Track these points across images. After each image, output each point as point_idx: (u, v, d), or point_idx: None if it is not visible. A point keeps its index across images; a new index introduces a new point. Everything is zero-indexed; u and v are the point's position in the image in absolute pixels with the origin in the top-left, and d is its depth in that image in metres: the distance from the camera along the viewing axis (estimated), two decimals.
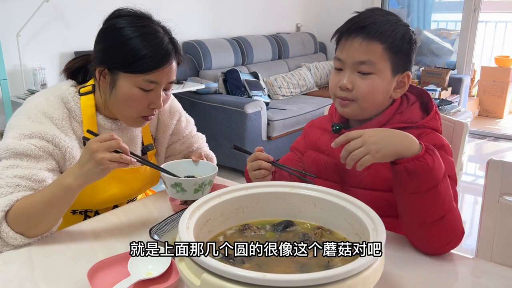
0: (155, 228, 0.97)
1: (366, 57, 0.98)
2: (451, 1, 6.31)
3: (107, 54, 1.09)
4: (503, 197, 1.10)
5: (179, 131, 1.37)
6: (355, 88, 1.01)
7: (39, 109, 1.08)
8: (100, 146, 0.93)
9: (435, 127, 1.04)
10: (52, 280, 0.85)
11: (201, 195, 1.05)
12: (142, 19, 1.09)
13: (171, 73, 1.11)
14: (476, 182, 3.60)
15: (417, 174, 0.83)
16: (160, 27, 1.10)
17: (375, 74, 1.00)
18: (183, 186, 1.03)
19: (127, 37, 1.05)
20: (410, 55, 1.03)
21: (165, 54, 1.07)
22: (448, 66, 4.85)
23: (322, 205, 0.81)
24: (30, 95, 3.03)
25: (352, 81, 1.01)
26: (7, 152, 0.99)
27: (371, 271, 0.59)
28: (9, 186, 0.97)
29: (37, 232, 0.98)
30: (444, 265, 0.90)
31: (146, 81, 1.06)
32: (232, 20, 4.40)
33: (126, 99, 1.08)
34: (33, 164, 1.01)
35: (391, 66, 1.00)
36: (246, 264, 0.68)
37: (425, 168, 0.83)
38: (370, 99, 1.01)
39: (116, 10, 1.11)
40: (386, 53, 0.99)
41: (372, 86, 1.00)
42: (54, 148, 1.06)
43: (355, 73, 1.01)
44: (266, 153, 1.12)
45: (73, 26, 3.10)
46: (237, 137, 3.35)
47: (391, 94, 1.05)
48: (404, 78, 1.04)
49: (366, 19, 1.00)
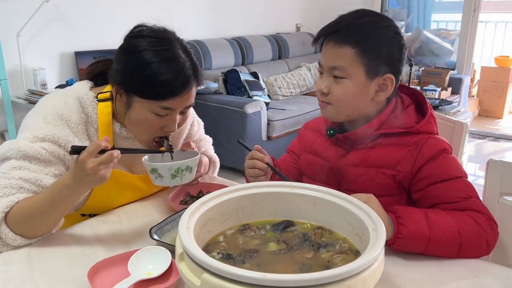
0: (155, 228, 0.97)
1: (337, 62, 0.99)
2: (451, 1, 6.31)
3: (124, 76, 1.05)
4: (503, 197, 1.10)
5: (191, 135, 1.37)
6: (330, 93, 1.02)
7: (57, 111, 1.06)
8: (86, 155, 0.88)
9: (430, 131, 1.03)
10: (52, 280, 0.85)
11: (180, 181, 1.04)
12: (164, 42, 1.03)
13: (189, 100, 1.07)
14: (476, 182, 3.60)
15: (406, 245, 0.89)
16: (182, 50, 1.05)
17: (347, 79, 1.00)
18: (159, 171, 1.02)
19: (146, 61, 1.00)
20: (393, 57, 1.00)
21: (184, 81, 1.02)
22: (448, 66, 4.85)
23: (322, 205, 0.81)
24: (30, 95, 3.00)
25: (328, 85, 1.02)
26: (18, 153, 0.98)
27: (371, 271, 0.59)
28: (12, 187, 0.96)
29: (37, 233, 0.98)
30: (444, 265, 0.90)
31: (162, 108, 1.03)
32: (232, 20, 4.40)
33: (140, 122, 1.06)
34: (41, 168, 1.00)
35: (365, 70, 0.98)
36: (246, 264, 0.68)
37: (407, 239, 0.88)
38: (344, 103, 1.02)
39: (137, 27, 1.06)
40: (359, 57, 0.97)
41: (345, 91, 1.00)
42: (66, 154, 1.04)
43: (331, 77, 1.02)
44: (265, 152, 1.13)
45: (73, 26, 3.10)
46: (237, 137, 3.33)
47: (373, 97, 1.02)
48: (386, 80, 1.01)
49: (340, 23, 1.00)
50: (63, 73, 3.13)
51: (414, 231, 0.88)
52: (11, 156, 0.99)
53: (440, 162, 0.99)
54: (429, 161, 0.98)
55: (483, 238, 0.90)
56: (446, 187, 0.97)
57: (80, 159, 0.88)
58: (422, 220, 0.89)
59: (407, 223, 0.88)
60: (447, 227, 0.89)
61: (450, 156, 1.01)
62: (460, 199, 0.95)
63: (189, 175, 1.06)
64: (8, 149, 0.99)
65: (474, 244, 0.90)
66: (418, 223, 0.88)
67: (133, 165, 1.21)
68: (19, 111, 2.84)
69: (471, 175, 3.80)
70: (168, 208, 1.17)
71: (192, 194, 1.22)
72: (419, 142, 1.00)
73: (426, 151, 0.99)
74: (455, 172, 0.98)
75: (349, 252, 0.73)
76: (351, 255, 0.71)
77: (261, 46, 4.31)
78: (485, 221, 0.92)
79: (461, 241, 0.89)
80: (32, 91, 2.82)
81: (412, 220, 0.89)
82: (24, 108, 2.83)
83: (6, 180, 0.97)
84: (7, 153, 0.99)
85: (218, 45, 3.92)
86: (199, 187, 1.24)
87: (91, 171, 0.87)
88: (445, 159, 0.99)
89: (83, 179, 0.90)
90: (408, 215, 0.90)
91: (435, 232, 0.88)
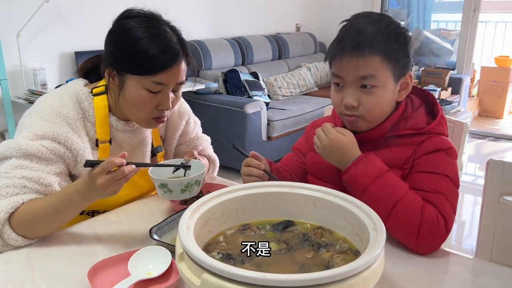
0: (155, 228, 0.97)
1: (367, 71, 0.96)
2: (451, 1, 6.31)
3: (114, 56, 1.08)
4: (503, 197, 1.10)
5: (187, 132, 1.37)
6: (360, 105, 0.98)
7: (54, 109, 1.07)
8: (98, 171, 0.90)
9: (441, 132, 1.03)
10: (52, 280, 0.85)
11: (189, 195, 1.04)
12: (151, 20, 1.07)
13: (179, 74, 1.08)
14: (476, 182, 3.60)
15: (348, 183, 0.99)
16: (169, 27, 1.08)
17: (379, 87, 0.97)
18: (169, 186, 1.02)
19: (134, 38, 1.03)
20: (409, 55, 1.01)
21: (172, 55, 1.04)
22: (448, 66, 4.85)
23: (322, 205, 0.81)
24: (30, 95, 3.00)
25: (357, 97, 0.98)
26: (18, 151, 0.99)
27: (371, 271, 0.59)
28: (15, 186, 0.97)
29: (39, 235, 0.99)
30: (444, 265, 0.90)
31: (153, 83, 1.05)
32: (232, 20, 4.40)
33: (134, 101, 1.07)
34: (42, 166, 1.01)
35: (392, 74, 0.98)
36: (246, 264, 0.68)
37: (350, 177, 0.97)
38: (378, 112, 1.01)
39: (125, 11, 1.10)
40: (385, 63, 0.96)
41: (378, 100, 0.98)
42: (66, 151, 1.05)
43: (358, 89, 0.98)
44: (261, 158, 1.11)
45: (73, 26, 3.10)
46: (237, 137, 3.35)
47: (396, 98, 1.03)
48: (407, 79, 1.02)
49: (357, 35, 0.96)
50: (63, 73, 3.13)
51: (357, 176, 0.95)
52: (11, 155, 0.99)
53: (434, 157, 0.99)
54: (425, 154, 0.99)
55: (415, 223, 0.90)
56: (426, 178, 0.97)
57: (93, 173, 0.91)
58: (373, 172, 0.94)
59: (358, 166, 0.95)
60: (390, 192, 0.93)
61: (449, 158, 0.99)
62: (431, 190, 0.94)
63: (197, 188, 1.06)
64: (7, 148, 0.99)
65: (404, 221, 0.91)
66: (366, 171, 0.95)
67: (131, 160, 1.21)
68: (19, 111, 2.84)
69: (471, 175, 3.80)
70: (168, 208, 1.17)
71: None
72: (426, 140, 1.01)
73: (426, 146, 1.00)
74: (444, 170, 0.97)
75: (349, 252, 0.73)
76: (351, 255, 0.71)
77: (261, 46, 4.31)
78: (433, 215, 0.90)
79: (392, 212, 0.91)
80: (32, 91, 2.82)
81: (364, 168, 0.95)
82: (24, 108, 2.82)
83: (9, 179, 0.97)
84: (7, 152, 0.99)
85: (218, 45, 3.92)
86: None
87: (101, 186, 0.90)
88: (440, 157, 0.99)
89: (93, 191, 0.93)
90: (366, 162, 0.96)
91: (375, 187, 0.93)
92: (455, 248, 2.56)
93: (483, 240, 1.13)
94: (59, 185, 1.04)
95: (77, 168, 1.09)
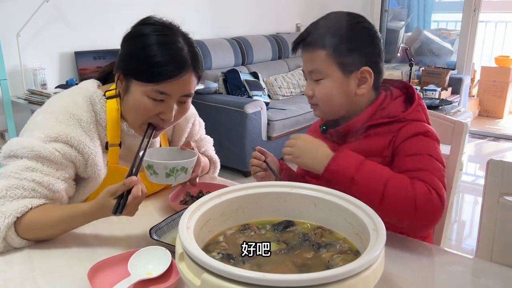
0: (155, 228, 0.97)
1: (312, 66, 1.06)
2: (451, 1, 6.32)
3: (123, 60, 1.07)
4: (503, 197, 1.10)
5: (193, 134, 1.37)
6: (314, 95, 1.08)
7: (68, 110, 1.06)
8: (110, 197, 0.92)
9: (418, 119, 1.05)
10: (52, 280, 0.85)
11: (174, 180, 1.05)
12: (165, 29, 1.06)
13: (184, 86, 1.06)
14: (476, 182, 3.60)
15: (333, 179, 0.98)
16: (183, 38, 1.06)
17: (325, 79, 1.05)
18: (154, 168, 1.04)
19: (143, 44, 1.03)
20: (366, 50, 1.04)
21: (179, 65, 1.02)
22: (448, 66, 4.85)
23: (322, 205, 0.81)
24: (30, 95, 2.99)
25: (311, 88, 1.08)
26: (31, 152, 0.97)
27: (371, 271, 0.59)
28: (25, 189, 0.96)
29: (42, 239, 0.99)
30: (444, 265, 0.90)
31: (156, 92, 1.03)
32: (232, 20, 4.40)
33: (135, 107, 1.06)
34: (53, 171, 1.00)
35: (339, 67, 1.03)
36: (246, 264, 0.68)
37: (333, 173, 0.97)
38: (328, 101, 1.07)
39: (145, 18, 1.09)
40: (330, 57, 1.02)
41: (326, 90, 1.05)
42: (77, 155, 1.04)
43: (312, 80, 1.08)
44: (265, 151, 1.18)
45: (73, 26, 3.10)
46: (237, 137, 3.35)
47: (356, 92, 1.06)
48: (364, 73, 1.05)
49: (309, 28, 1.07)
50: (63, 73, 3.14)
51: (340, 169, 0.96)
52: (22, 155, 0.97)
53: (413, 141, 1.01)
54: (404, 140, 1.01)
55: (410, 199, 0.90)
56: (410, 160, 0.99)
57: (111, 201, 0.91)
58: (354, 163, 0.96)
59: (337, 161, 0.97)
60: (377, 176, 0.94)
61: (428, 139, 1.01)
62: (416, 169, 0.96)
63: (183, 176, 1.07)
64: (19, 147, 0.98)
65: (398, 201, 0.91)
66: (348, 163, 0.96)
67: None
68: (19, 111, 2.85)
69: (471, 175, 3.80)
70: (168, 208, 1.17)
71: (192, 194, 1.22)
72: (402, 127, 1.03)
73: (404, 132, 1.02)
74: (426, 150, 0.99)
75: (349, 252, 0.72)
76: (351, 255, 0.71)
77: (261, 46, 4.32)
78: (424, 188, 0.92)
79: (385, 192, 0.92)
80: (32, 91, 2.82)
81: (343, 161, 0.97)
82: (24, 108, 2.83)
83: (18, 180, 0.96)
84: (19, 151, 0.98)
85: (218, 45, 3.92)
86: (199, 187, 1.24)
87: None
88: (419, 139, 1.01)
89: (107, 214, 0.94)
90: (344, 156, 0.98)
91: (361, 175, 0.94)
92: (455, 248, 2.56)
93: (483, 240, 1.13)
94: (65, 192, 1.04)
95: (87, 171, 1.08)
